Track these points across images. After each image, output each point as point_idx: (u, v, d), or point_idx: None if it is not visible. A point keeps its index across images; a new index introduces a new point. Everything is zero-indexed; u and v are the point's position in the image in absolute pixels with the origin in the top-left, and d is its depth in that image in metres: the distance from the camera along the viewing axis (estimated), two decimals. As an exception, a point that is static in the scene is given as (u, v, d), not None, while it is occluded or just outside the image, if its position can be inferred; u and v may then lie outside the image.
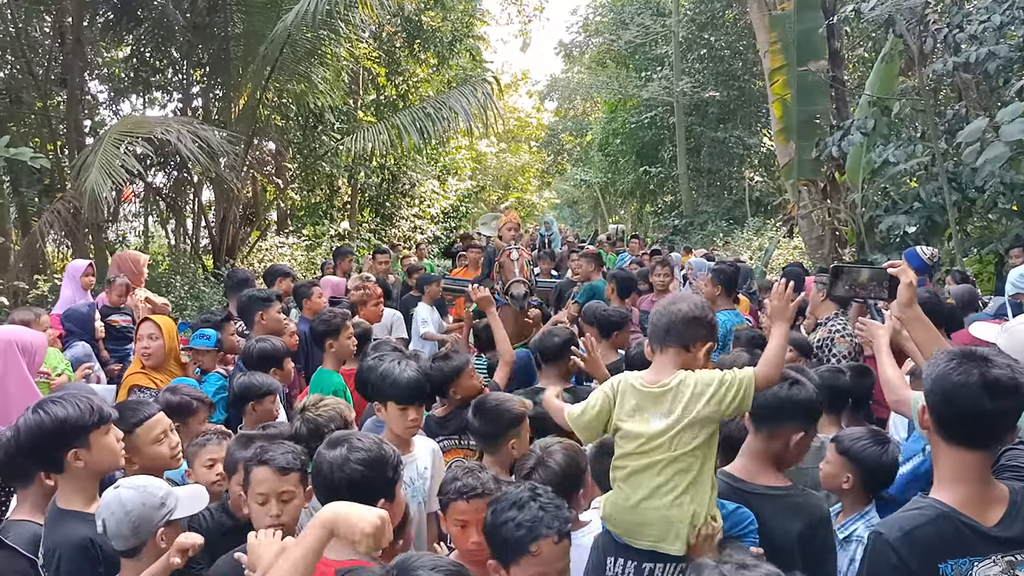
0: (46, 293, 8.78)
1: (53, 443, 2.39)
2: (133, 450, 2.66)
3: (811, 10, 12.03)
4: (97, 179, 7.89)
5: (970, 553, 1.80)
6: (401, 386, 3.00)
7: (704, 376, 2.34)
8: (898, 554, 1.78)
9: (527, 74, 35.10)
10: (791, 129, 12.39)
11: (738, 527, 2.36)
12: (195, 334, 4.59)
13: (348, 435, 2.27)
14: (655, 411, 2.35)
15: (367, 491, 2.10)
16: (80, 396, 2.48)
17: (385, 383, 3.02)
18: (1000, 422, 1.83)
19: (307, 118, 14.50)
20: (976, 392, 1.76)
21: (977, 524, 1.82)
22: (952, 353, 1.86)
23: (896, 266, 2.53)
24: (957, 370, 1.79)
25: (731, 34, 23.42)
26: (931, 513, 1.83)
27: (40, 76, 11.31)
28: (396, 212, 19.68)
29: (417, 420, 3.06)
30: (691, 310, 2.42)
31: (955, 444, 1.86)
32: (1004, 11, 7.59)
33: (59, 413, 2.38)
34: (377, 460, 2.19)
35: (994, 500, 1.86)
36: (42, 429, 2.37)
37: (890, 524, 1.87)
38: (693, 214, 23.50)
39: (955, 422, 1.84)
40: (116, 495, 2.23)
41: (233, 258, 12.37)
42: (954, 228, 9.05)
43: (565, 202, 45.57)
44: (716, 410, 2.29)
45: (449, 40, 17.78)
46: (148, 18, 12.20)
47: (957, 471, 1.86)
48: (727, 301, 5.76)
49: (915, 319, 2.48)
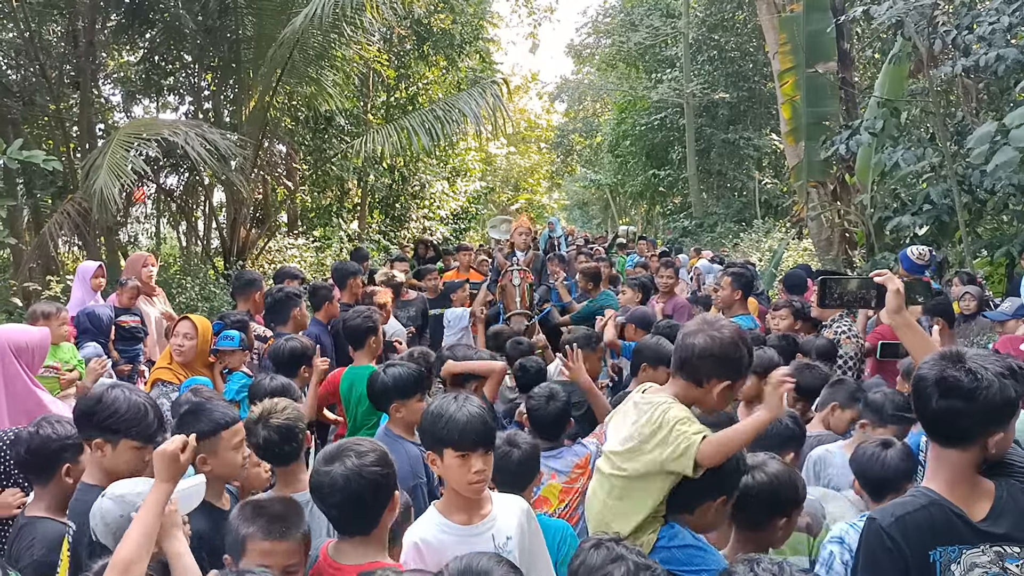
0: (58, 294, 8.86)
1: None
2: (212, 453, 2.61)
3: (820, 11, 12.00)
4: (105, 180, 7.96)
5: (959, 541, 1.85)
6: (459, 428, 2.29)
7: (670, 417, 2.26)
8: (891, 538, 1.84)
9: (536, 75, 35.18)
10: (800, 130, 12.36)
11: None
12: (220, 335, 4.65)
13: (342, 446, 2.25)
14: (623, 423, 2.41)
15: (387, 492, 2.19)
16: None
17: (437, 425, 2.32)
18: (952, 422, 1.84)
19: (317, 121, 14.57)
20: (929, 389, 1.83)
21: (966, 515, 1.87)
22: (938, 352, 1.92)
23: (882, 274, 2.54)
24: (924, 367, 1.87)
25: (741, 35, 23.38)
26: (923, 501, 1.89)
27: (53, 79, 11.41)
28: (406, 214, 19.73)
29: (483, 472, 2.30)
30: (709, 345, 2.27)
31: (932, 439, 1.94)
32: (1013, 12, 7.56)
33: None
34: (384, 457, 2.24)
35: (981, 494, 1.91)
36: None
37: (883, 510, 1.93)
38: (703, 216, 23.46)
39: (920, 418, 1.93)
40: (98, 505, 2.26)
41: (243, 260, 12.43)
42: (964, 230, 9.01)
43: (575, 203, 45.57)
44: (656, 459, 2.25)
45: (459, 43, 17.83)
46: (160, 21, 12.29)
47: (941, 465, 1.92)
48: (743, 306, 5.77)
49: (905, 325, 2.48)
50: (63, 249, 12.12)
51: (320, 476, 2.19)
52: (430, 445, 2.37)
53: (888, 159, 9.29)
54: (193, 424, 2.57)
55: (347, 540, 2.22)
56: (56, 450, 2.58)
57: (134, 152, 8.82)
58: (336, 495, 2.15)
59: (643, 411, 2.34)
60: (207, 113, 13.67)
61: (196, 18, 12.02)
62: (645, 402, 2.38)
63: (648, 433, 2.27)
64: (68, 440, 2.59)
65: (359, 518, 2.19)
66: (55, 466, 2.59)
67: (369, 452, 2.20)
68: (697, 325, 2.37)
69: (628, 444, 2.34)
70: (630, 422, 2.38)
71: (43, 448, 2.58)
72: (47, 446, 2.57)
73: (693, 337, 2.31)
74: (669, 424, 2.24)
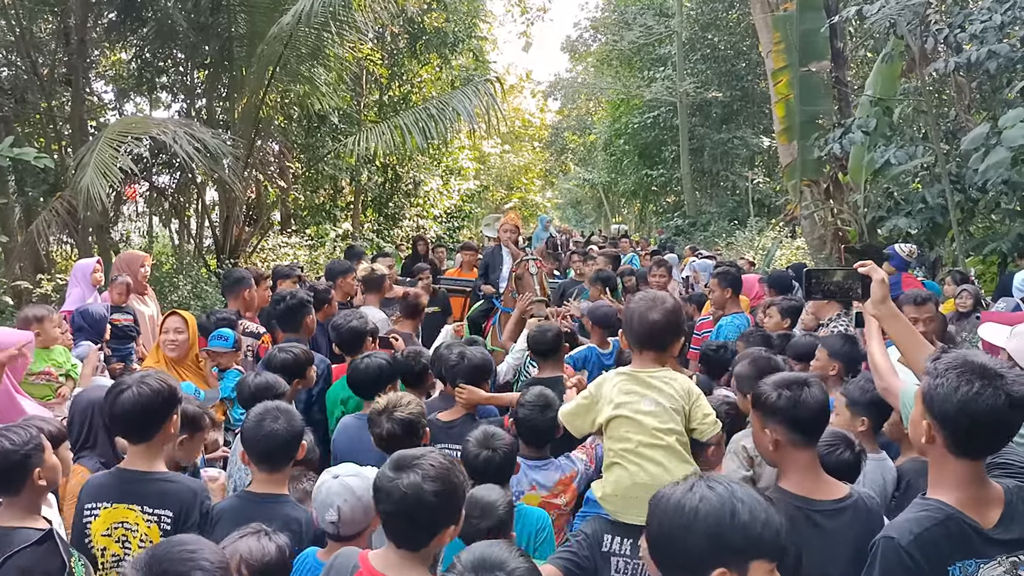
0: (49, 292, 8.82)
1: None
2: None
3: (814, 11, 12.03)
4: (92, 178, 7.92)
5: (975, 555, 1.83)
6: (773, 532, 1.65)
7: (682, 389, 2.58)
8: (911, 557, 1.80)
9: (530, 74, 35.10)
10: (794, 129, 12.39)
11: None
12: (212, 335, 4.61)
13: (415, 456, 2.14)
14: (646, 394, 2.54)
15: (446, 516, 2.09)
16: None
17: (738, 530, 1.58)
18: (1013, 432, 1.86)
19: (310, 119, 14.53)
20: (1004, 412, 1.77)
21: (979, 526, 1.84)
22: (959, 369, 1.83)
23: (866, 265, 2.58)
24: (980, 392, 1.78)
25: (734, 35, 23.45)
26: (939, 516, 1.85)
27: (44, 76, 11.36)
28: (399, 212, 19.71)
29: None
30: (667, 318, 2.59)
31: (965, 457, 1.87)
32: (1005, 11, 7.59)
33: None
34: (449, 479, 2.10)
35: (991, 501, 1.89)
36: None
37: (900, 528, 1.87)
38: (696, 214, 23.52)
39: (974, 439, 1.84)
40: (344, 484, 2.44)
41: (236, 258, 12.39)
42: (956, 229, 9.05)
43: (569, 202, 45.61)
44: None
45: (451, 41, 17.81)
46: (152, 18, 12.24)
47: (960, 477, 1.88)
48: (736, 304, 5.78)
49: (890, 315, 2.50)
50: (54, 248, 12.06)
51: (384, 481, 2.11)
52: (718, 557, 1.55)
53: (880, 157, 9.33)
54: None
55: (395, 551, 2.13)
56: (22, 458, 2.45)
57: (123, 151, 8.76)
58: (392, 505, 2.08)
59: (659, 381, 2.59)
60: (200, 111, 13.62)
61: (188, 15, 11.98)
62: (654, 374, 2.60)
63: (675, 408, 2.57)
64: (29, 445, 2.46)
65: (405, 533, 2.11)
66: (25, 475, 2.46)
67: (436, 478, 2.07)
68: (647, 303, 2.62)
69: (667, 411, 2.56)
70: (652, 391, 2.58)
71: (4, 461, 2.43)
72: (8, 458, 2.43)
73: (651, 314, 2.58)
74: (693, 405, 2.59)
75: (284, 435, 2.78)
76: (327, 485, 2.48)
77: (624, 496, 2.47)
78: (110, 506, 2.61)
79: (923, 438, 1.90)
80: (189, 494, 2.65)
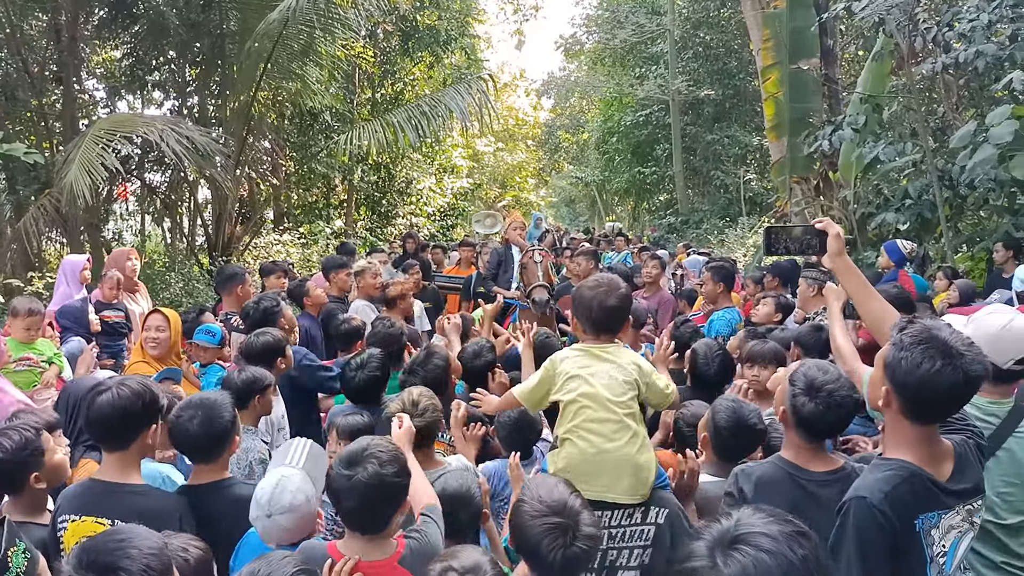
0: (41, 290, 8.81)
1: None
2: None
3: (804, 8, 12.09)
4: (76, 176, 7.90)
5: (937, 507, 1.98)
6: None
7: (632, 362, 2.69)
8: (883, 514, 1.91)
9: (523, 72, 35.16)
10: (783, 126, 12.44)
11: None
12: (199, 329, 4.58)
13: (364, 450, 2.25)
14: (600, 368, 2.63)
15: (402, 496, 2.27)
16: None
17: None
18: (966, 403, 2.01)
19: (303, 117, 14.52)
20: (961, 388, 1.90)
21: (937, 480, 1.98)
22: (923, 345, 1.91)
23: (822, 221, 2.63)
24: (940, 370, 1.88)
25: (726, 32, 23.45)
26: (904, 474, 1.97)
27: (35, 74, 11.33)
28: (392, 210, 19.70)
29: None
30: (622, 303, 2.73)
31: (919, 423, 1.99)
32: (993, 9, 7.65)
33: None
34: (404, 465, 2.29)
35: (944, 456, 2.04)
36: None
37: (871, 487, 1.97)
38: (688, 212, 23.55)
39: (930, 410, 1.97)
40: (277, 523, 2.41)
41: (229, 256, 12.38)
42: (945, 225, 9.11)
43: (562, 200, 45.59)
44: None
45: (444, 39, 17.80)
46: (143, 16, 12.22)
47: (916, 438, 2.00)
48: (728, 298, 5.81)
49: (846, 269, 2.56)
50: (46, 245, 12.03)
51: (340, 480, 2.19)
52: None
53: (869, 154, 9.39)
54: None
55: (358, 538, 2.24)
56: (19, 463, 2.46)
57: (112, 148, 8.74)
58: (354, 500, 2.18)
59: (612, 355, 2.69)
60: (192, 108, 13.60)
61: (180, 13, 11.96)
62: (607, 349, 2.70)
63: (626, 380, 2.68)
64: (27, 449, 2.46)
65: (373, 519, 2.23)
66: (24, 478, 2.49)
67: (390, 461, 2.23)
68: (604, 290, 2.70)
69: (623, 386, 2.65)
70: (606, 365, 2.67)
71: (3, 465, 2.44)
72: (5, 463, 2.44)
73: (609, 299, 2.68)
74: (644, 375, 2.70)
75: (197, 432, 2.74)
76: (263, 524, 2.41)
77: (576, 471, 2.51)
78: (78, 519, 2.51)
79: (880, 401, 2.01)
80: (163, 510, 2.51)
